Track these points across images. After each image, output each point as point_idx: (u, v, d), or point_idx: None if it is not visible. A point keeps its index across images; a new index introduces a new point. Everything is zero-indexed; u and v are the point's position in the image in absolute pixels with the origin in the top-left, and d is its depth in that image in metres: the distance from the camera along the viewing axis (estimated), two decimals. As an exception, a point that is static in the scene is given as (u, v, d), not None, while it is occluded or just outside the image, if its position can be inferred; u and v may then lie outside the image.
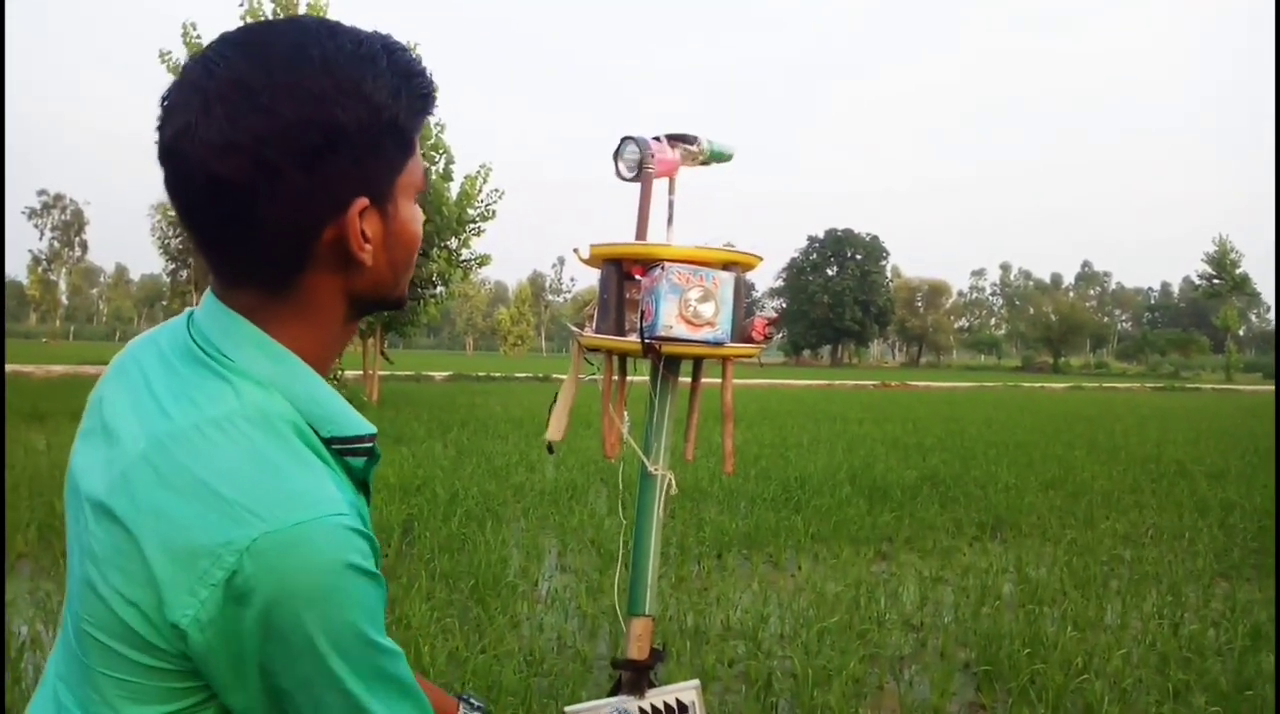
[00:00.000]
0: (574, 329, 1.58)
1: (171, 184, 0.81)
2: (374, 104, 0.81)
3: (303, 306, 0.86)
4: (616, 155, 1.54)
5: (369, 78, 0.81)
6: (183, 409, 0.80)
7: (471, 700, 1.22)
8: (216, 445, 0.77)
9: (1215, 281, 73.73)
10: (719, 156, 1.63)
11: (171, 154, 0.80)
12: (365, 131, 0.81)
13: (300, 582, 0.73)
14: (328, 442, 0.84)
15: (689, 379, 1.69)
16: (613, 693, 1.56)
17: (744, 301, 1.55)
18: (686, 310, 1.40)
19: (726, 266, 1.46)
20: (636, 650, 1.55)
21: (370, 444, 0.87)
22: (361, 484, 0.90)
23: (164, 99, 0.81)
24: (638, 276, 1.52)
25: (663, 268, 1.41)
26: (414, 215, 0.90)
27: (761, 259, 1.53)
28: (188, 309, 0.91)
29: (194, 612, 0.74)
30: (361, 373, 19.61)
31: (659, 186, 1.60)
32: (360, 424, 0.87)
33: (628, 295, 1.53)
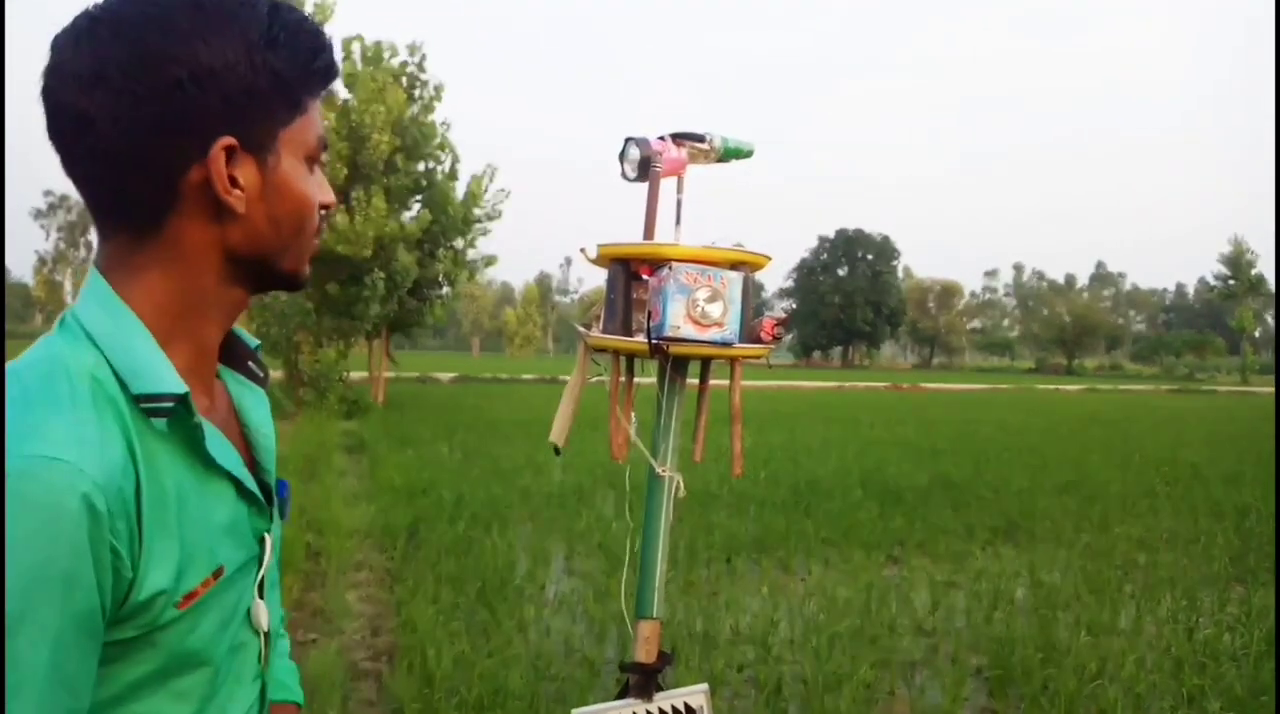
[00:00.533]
0: (581, 329, 1.55)
1: (49, 127, 0.81)
2: (245, 45, 0.81)
3: (166, 255, 0.84)
4: (621, 157, 1.52)
5: (243, 20, 0.81)
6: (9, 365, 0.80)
7: None
8: (4, 388, 0.76)
9: (1231, 282, 73.27)
10: (736, 153, 1.60)
11: (45, 94, 0.80)
12: (233, 71, 0.81)
13: None
14: (136, 399, 0.79)
15: (697, 380, 1.66)
16: (620, 696, 1.54)
17: (753, 302, 1.52)
18: (694, 310, 1.37)
19: (735, 266, 1.43)
20: (644, 654, 1.52)
21: (169, 403, 0.79)
22: (206, 457, 0.84)
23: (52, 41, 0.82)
24: (645, 277, 1.50)
25: (670, 268, 1.38)
26: (301, 175, 0.87)
27: (770, 259, 1.50)
28: None
29: None
30: (367, 375, 19.64)
31: (667, 186, 1.58)
32: (164, 382, 0.80)
33: (635, 296, 1.50)
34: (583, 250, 1.53)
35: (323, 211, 0.92)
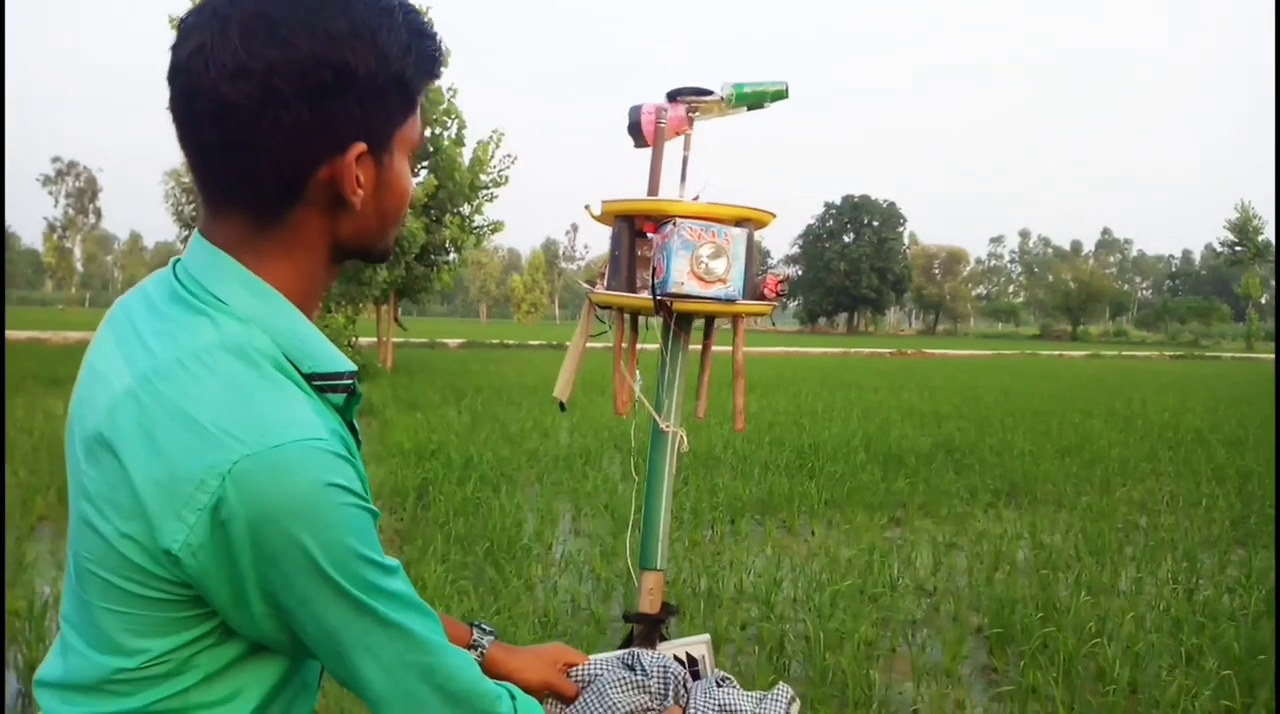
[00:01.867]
0: (585, 286, 1.57)
1: (178, 103, 0.83)
2: (385, 54, 0.84)
3: (288, 242, 0.87)
4: (632, 129, 1.53)
5: (384, 28, 0.84)
6: (165, 345, 0.82)
7: (483, 626, 1.27)
8: (196, 376, 0.79)
9: (1237, 249, 72.77)
10: (758, 96, 1.55)
11: (183, 72, 0.81)
12: (373, 79, 0.84)
13: (282, 502, 0.75)
14: (308, 377, 0.85)
15: (700, 341, 1.68)
16: (624, 646, 1.57)
17: (758, 261, 1.54)
18: (698, 267, 1.39)
19: (739, 223, 1.45)
20: (648, 604, 1.56)
21: (350, 381, 0.88)
22: (349, 425, 0.91)
23: (183, 20, 0.83)
24: (649, 234, 1.51)
25: (674, 224, 1.39)
26: (406, 170, 0.92)
27: (775, 216, 1.51)
28: (173, 257, 0.92)
29: (184, 537, 0.76)
30: (376, 340, 19.69)
31: (673, 145, 1.59)
32: (340, 361, 0.87)
33: (639, 253, 1.52)
34: (587, 207, 1.55)
35: None
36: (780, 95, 1.53)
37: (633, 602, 1.60)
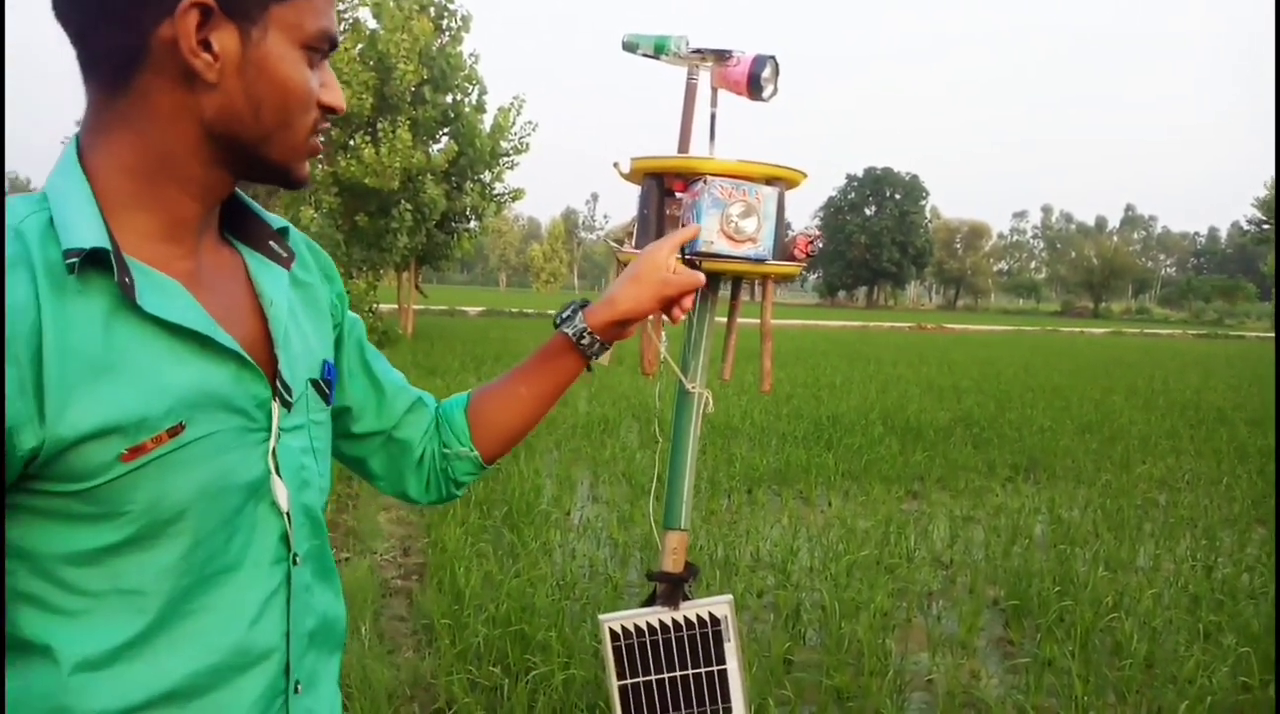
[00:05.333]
0: (613, 245, 1.57)
1: None
2: None
3: (131, 113, 0.82)
4: (766, 79, 1.48)
5: None
6: None
7: (569, 316, 1.20)
8: None
9: (1265, 227, 71.73)
10: (633, 45, 1.54)
11: None
12: None
13: None
14: (65, 254, 0.78)
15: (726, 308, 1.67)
16: (646, 604, 1.58)
17: (786, 221, 1.52)
18: (728, 226, 1.38)
19: (770, 182, 1.43)
20: (672, 563, 1.56)
21: (74, 258, 0.77)
22: (144, 313, 0.81)
23: None
24: (678, 193, 1.50)
25: (705, 181, 1.38)
26: (292, 60, 0.84)
27: (805, 175, 1.50)
28: None
29: None
30: (396, 306, 19.77)
31: (700, 102, 1.57)
32: (79, 237, 0.78)
33: (668, 212, 1.51)
34: (616, 165, 1.53)
35: (326, 113, 0.90)
36: (661, 46, 1.53)
37: (650, 567, 1.61)
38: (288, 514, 0.92)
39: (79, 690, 0.80)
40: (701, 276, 1.20)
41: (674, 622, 1.55)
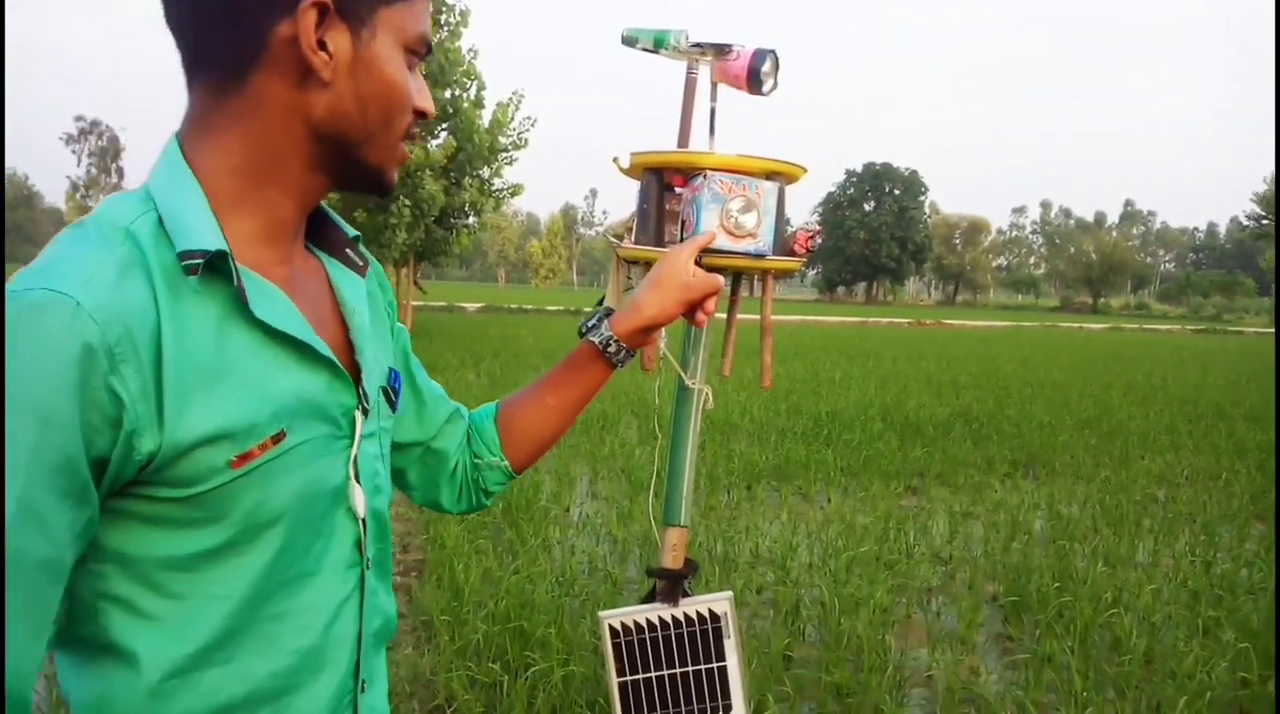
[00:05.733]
0: (613, 240, 1.56)
1: None
2: None
3: (247, 111, 0.83)
4: (767, 73, 1.48)
5: None
6: None
7: (592, 323, 1.19)
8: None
9: (1264, 222, 71.71)
10: (632, 39, 1.54)
11: None
12: None
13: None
14: (180, 256, 0.78)
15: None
16: (646, 601, 1.58)
17: (786, 216, 1.52)
18: (728, 221, 1.37)
19: (770, 176, 1.42)
20: (671, 560, 1.56)
21: (198, 259, 0.77)
22: (257, 320, 0.82)
23: None
24: (678, 188, 1.49)
25: (705, 176, 1.37)
26: (393, 58, 0.85)
27: (806, 170, 1.49)
28: None
29: None
30: (395, 303, 19.73)
31: (700, 96, 1.56)
32: (200, 238, 0.79)
33: (668, 207, 1.50)
34: (615, 160, 1.53)
35: (418, 117, 0.90)
36: (661, 40, 1.52)
37: (649, 564, 1.60)
38: (363, 520, 0.94)
39: (164, 695, 0.81)
40: (720, 279, 1.19)
41: (674, 618, 1.55)
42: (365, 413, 0.93)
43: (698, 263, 1.40)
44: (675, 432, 1.57)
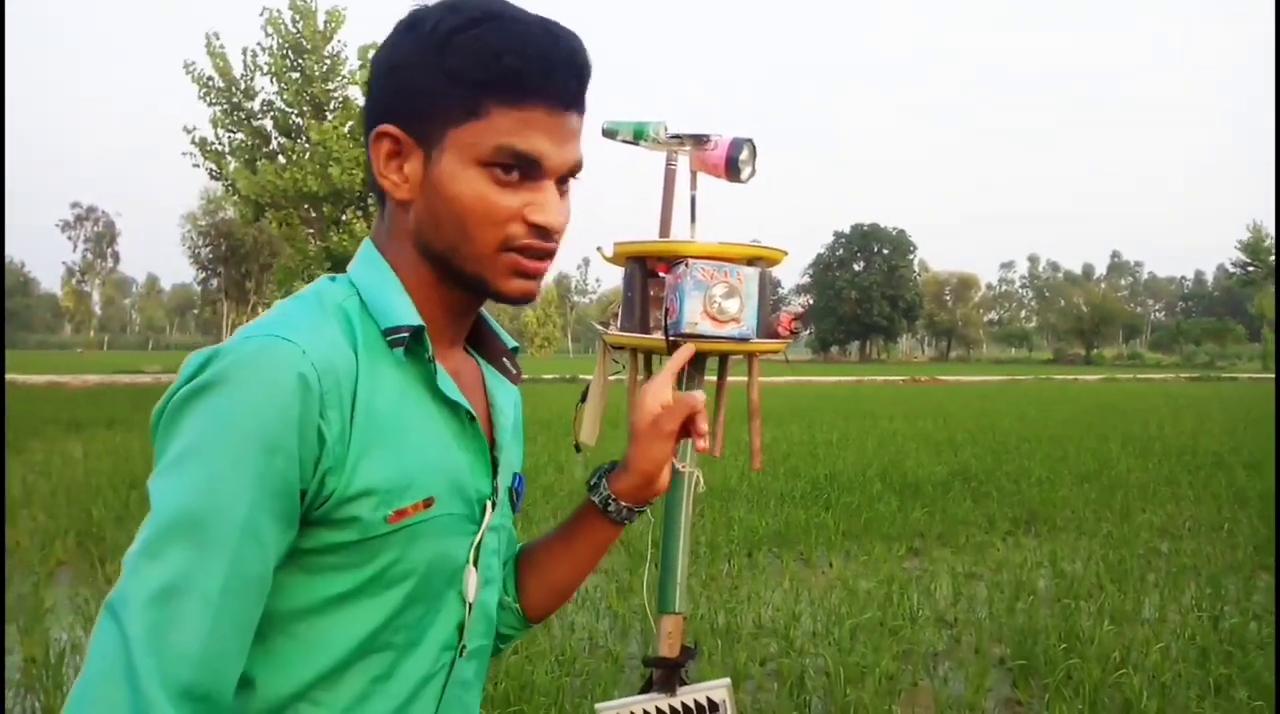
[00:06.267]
0: (599, 327, 1.58)
1: None
2: (424, 44, 0.88)
3: (386, 231, 0.96)
4: (745, 161, 1.52)
5: (437, 22, 0.88)
6: None
7: (595, 483, 1.17)
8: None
9: (1250, 268, 72.42)
10: (613, 131, 1.58)
11: None
12: (410, 69, 0.89)
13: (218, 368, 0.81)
14: (384, 333, 0.90)
15: (715, 377, 1.67)
16: (643, 691, 1.56)
17: (770, 297, 1.54)
18: (711, 307, 1.39)
19: (751, 262, 1.45)
20: (667, 648, 1.54)
21: (405, 333, 0.89)
22: (439, 392, 0.93)
23: None
24: (662, 274, 1.52)
25: (686, 264, 1.40)
26: (466, 177, 0.89)
27: (786, 254, 1.51)
28: None
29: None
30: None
31: (680, 184, 1.59)
32: (404, 316, 0.90)
33: (652, 293, 1.52)
34: (599, 249, 1.55)
35: (527, 227, 0.91)
36: (640, 132, 1.56)
37: (650, 642, 1.58)
38: (470, 605, 0.97)
39: None
40: (698, 397, 1.17)
41: (671, 708, 1.52)
42: (495, 505, 0.99)
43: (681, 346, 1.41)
44: (667, 517, 1.56)
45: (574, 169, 0.94)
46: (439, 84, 0.88)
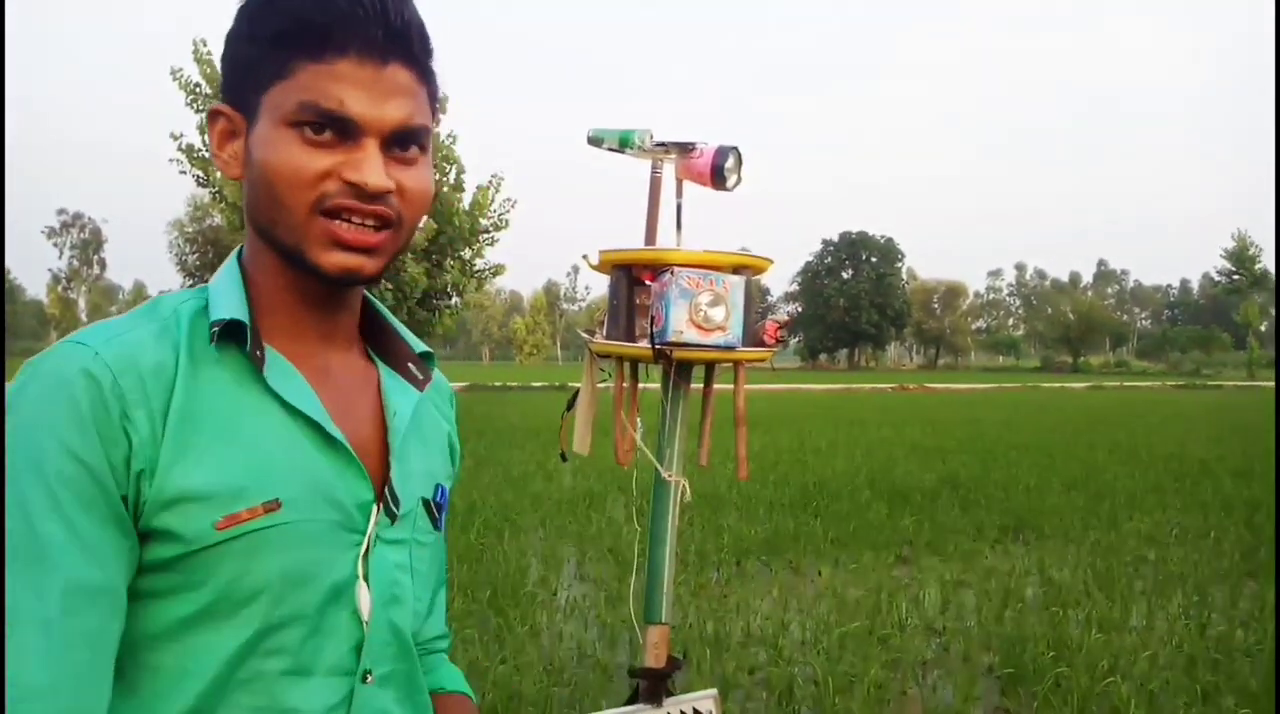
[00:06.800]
0: (585, 335, 1.57)
1: None
2: (247, 13, 0.86)
3: (243, 219, 0.92)
4: (730, 169, 1.51)
5: None
6: None
7: None
8: None
9: (1235, 277, 72.99)
10: (598, 139, 1.58)
11: None
12: (235, 37, 0.86)
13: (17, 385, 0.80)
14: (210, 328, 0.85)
15: (701, 385, 1.67)
16: (630, 702, 1.55)
17: (756, 305, 1.53)
18: (697, 315, 1.39)
19: (737, 270, 1.45)
20: (654, 659, 1.53)
21: (217, 328, 0.84)
22: (268, 388, 0.85)
23: None
24: (648, 282, 1.51)
25: (672, 272, 1.39)
26: (270, 138, 0.83)
27: (772, 262, 1.51)
28: None
29: None
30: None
31: (666, 192, 1.59)
32: (221, 309, 0.85)
33: (638, 301, 1.52)
34: (585, 257, 1.55)
35: (342, 185, 0.83)
36: (626, 140, 1.56)
37: (638, 650, 1.57)
38: (367, 623, 0.88)
39: None
40: None
41: (658, 719, 1.52)
42: (388, 514, 0.91)
43: (670, 356, 1.40)
44: (653, 527, 1.56)
45: (402, 128, 0.85)
46: (251, 51, 0.84)
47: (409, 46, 0.85)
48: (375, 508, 0.89)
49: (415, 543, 0.95)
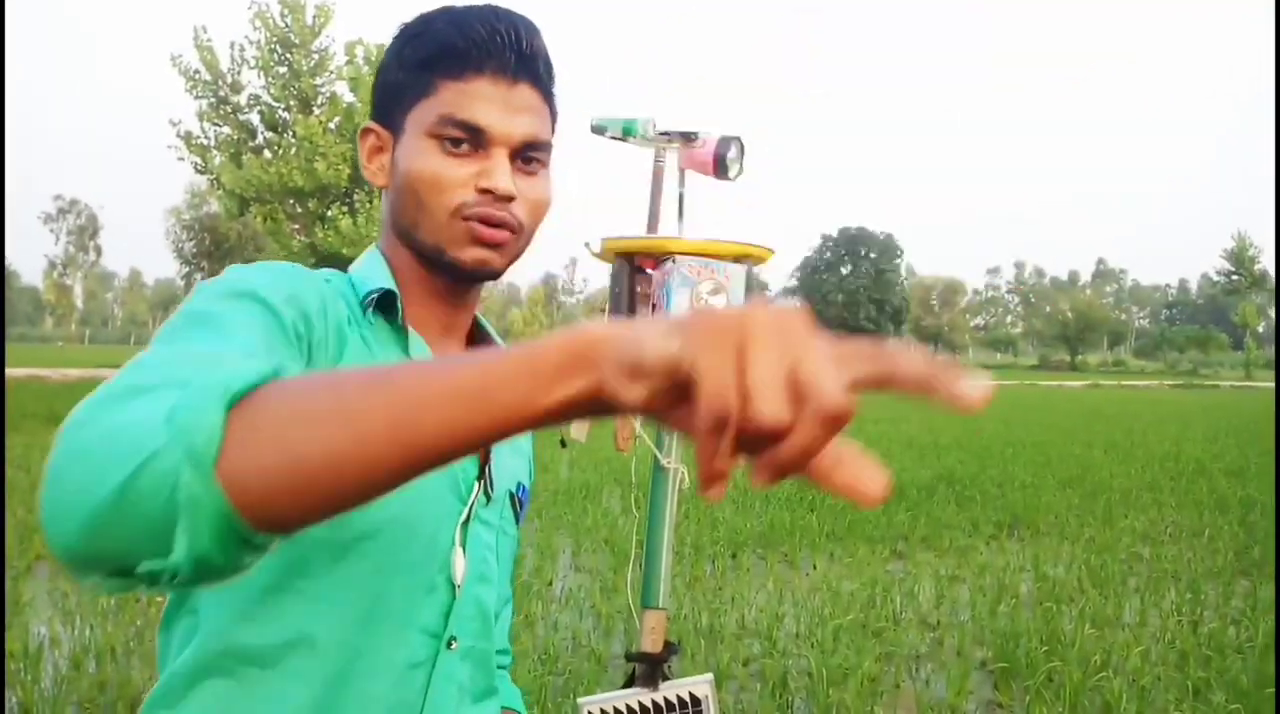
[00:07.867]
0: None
1: None
2: (398, 44, 0.96)
3: (383, 224, 1.01)
4: (733, 159, 1.52)
5: (408, 27, 0.96)
6: None
7: None
8: None
9: (1234, 277, 73.08)
10: (602, 128, 1.59)
11: None
12: (387, 66, 0.97)
13: None
14: (360, 301, 0.94)
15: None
16: (626, 686, 1.56)
17: (756, 297, 1.54)
18: (698, 303, 1.39)
19: (738, 260, 1.45)
20: (650, 643, 1.54)
21: (374, 295, 0.93)
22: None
23: None
24: (649, 270, 1.52)
25: (674, 261, 1.40)
26: (418, 150, 0.93)
27: (773, 252, 1.52)
28: None
29: None
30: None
31: (669, 181, 1.60)
32: (372, 282, 0.95)
33: (639, 289, 1.52)
34: (587, 245, 1.55)
35: (479, 194, 0.92)
36: (629, 129, 1.57)
37: (634, 640, 1.59)
38: (460, 588, 0.95)
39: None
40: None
41: (654, 703, 1.53)
42: (486, 493, 0.99)
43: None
44: (651, 513, 1.57)
45: (530, 142, 0.94)
46: (400, 75, 0.95)
47: (536, 70, 0.95)
48: (477, 485, 0.98)
49: (501, 532, 1.03)
